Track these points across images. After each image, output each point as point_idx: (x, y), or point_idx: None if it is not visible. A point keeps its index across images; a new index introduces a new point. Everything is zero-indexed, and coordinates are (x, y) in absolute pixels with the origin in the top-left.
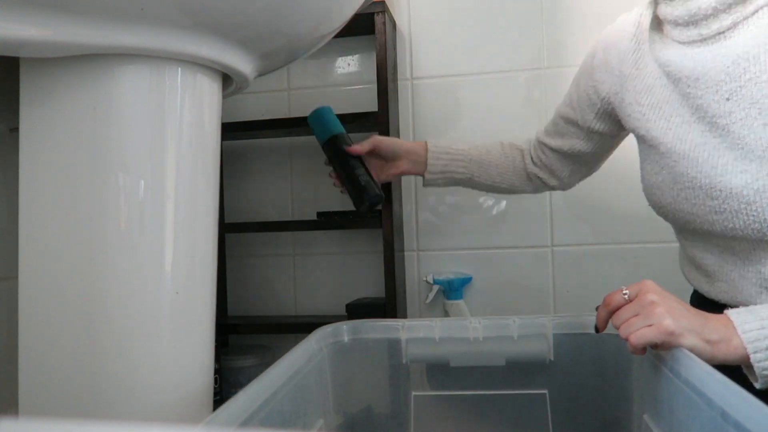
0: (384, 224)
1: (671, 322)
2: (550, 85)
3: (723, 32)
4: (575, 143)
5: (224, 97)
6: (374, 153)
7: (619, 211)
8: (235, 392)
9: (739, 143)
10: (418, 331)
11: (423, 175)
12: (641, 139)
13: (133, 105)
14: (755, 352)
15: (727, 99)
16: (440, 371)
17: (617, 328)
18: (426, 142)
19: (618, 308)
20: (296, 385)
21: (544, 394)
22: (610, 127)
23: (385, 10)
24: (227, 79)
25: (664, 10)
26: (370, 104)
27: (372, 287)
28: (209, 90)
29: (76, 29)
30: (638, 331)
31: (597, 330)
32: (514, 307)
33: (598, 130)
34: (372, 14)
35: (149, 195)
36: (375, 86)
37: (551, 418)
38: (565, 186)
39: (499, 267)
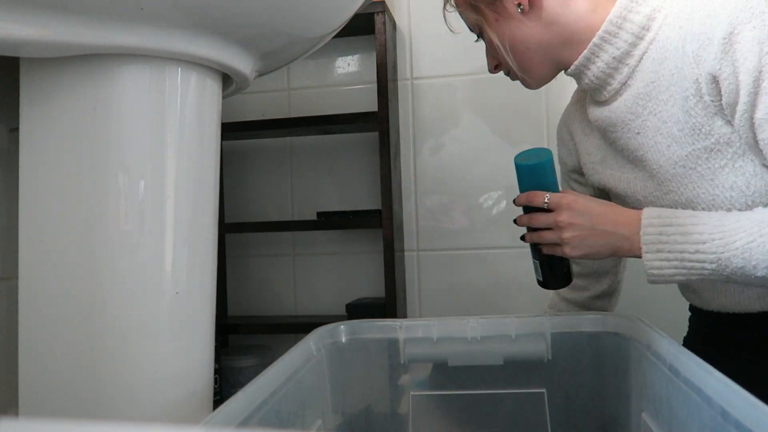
0: (384, 224)
1: (569, 249)
2: (550, 85)
3: (625, 82)
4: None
5: (224, 97)
6: None
7: None
8: (236, 392)
9: (656, 169)
10: (416, 331)
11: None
12: (605, 191)
13: (133, 105)
14: (647, 252)
15: (638, 133)
16: (438, 371)
17: (527, 225)
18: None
19: (536, 210)
20: (294, 386)
21: (542, 393)
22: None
23: (385, 10)
24: (227, 79)
25: (580, 84)
26: (370, 104)
27: (372, 287)
28: (209, 90)
29: (76, 29)
30: (546, 245)
31: (516, 222)
32: (514, 307)
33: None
34: (372, 14)
35: (149, 195)
36: (375, 86)
37: (549, 417)
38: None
39: (499, 267)
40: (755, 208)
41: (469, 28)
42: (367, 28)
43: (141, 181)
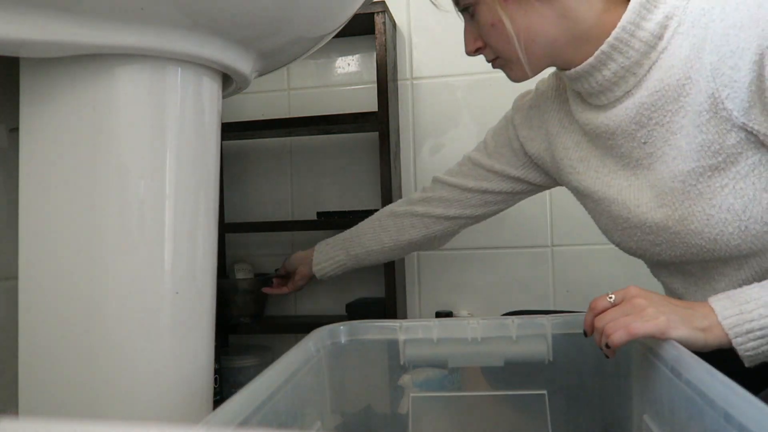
0: None
1: (664, 318)
2: None
3: (630, 90)
4: (485, 185)
5: (224, 97)
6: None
7: None
8: (236, 392)
9: (657, 179)
10: (416, 332)
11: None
12: (575, 191)
13: (133, 105)
14: (736, 337)
15: (644, 143)
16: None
17: (601, 329)
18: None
19: (603, 312)
20: (293, 387)
21: (543, 394)
22: (534, 176)
23: (385, 10)
24: (227, 79)
25: (575, 85)
26: (370, 104)
27: (372, 287)
28: (209, 90)
29: (76, 29)
30: (631, 325)
31: (585, 334)
32: (514, 307)
33: (518, 176)
34: (372, 14)
35: (149, 195)
36: (375, 86)
37: (550, 419)
38: (450, 232)
39: (499, 267)
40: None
41: (455, 2)
42: (367, 28)
43: (141, 181)
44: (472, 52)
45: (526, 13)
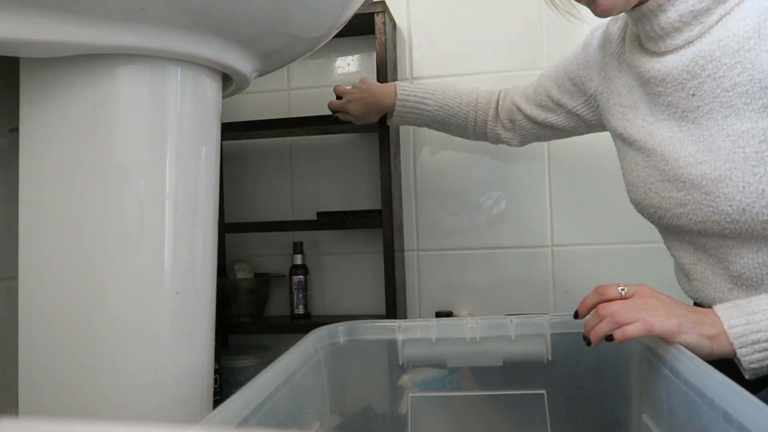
0: (384, 224)
1: (676, 321)
2: None
3: (692, 41)
4: (552, 117)
5: (224, 97)
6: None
7: (619, 211)
8: (236, 392)
9: (704, 135)
10: (414, 332)
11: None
12: (619, 138)
13: (133, 105)
14: (741, 347)
15: (693, 95)
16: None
17: (604, 315)
18: (395, 85)
19: (610, 300)
20: (292, 387)
21: (542, 394)
22: (590, 116)
23: (385, 10)
24: (227, 79)
25: (636, 26)
26: None
27: (372, 287)
28: (209, 90)
29: (76, 29)
30: (649, 319)
31: (576, 315)
32: (514, 307)
33: (579, 113)
34: (372, 14)
35: (149, 195)
36: None
37: (549, 419)
38: (519, 145)
39: (499, 267)
40: None
41: None
42: (367, 28)
43: (141, 181)
44: None
45: None
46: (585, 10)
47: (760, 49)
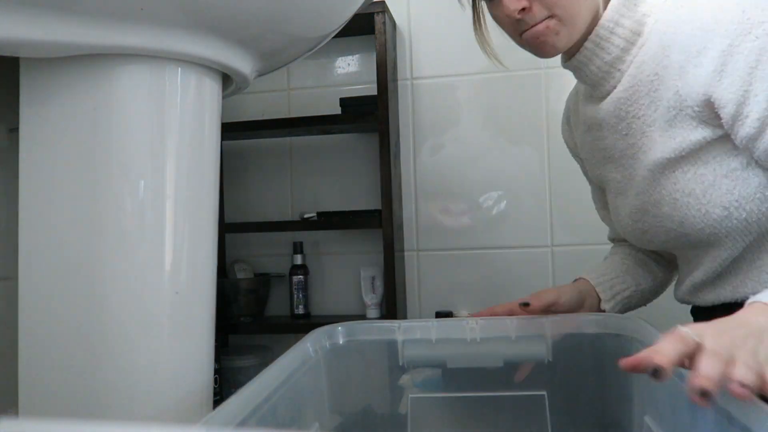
0: (384, 224)
1: (745, 369)
2: (550, 86)
3: (615, 85)
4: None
5: (224, 97)
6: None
7: None
8: (235, 392)
9: (634, 170)
10: (414, 333)
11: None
12: (598, 185)
13: (133, 105)
14: None
15: (625, 134)
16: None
17: (712, 375)
18: (582, 279)
19: (693, 353)
20: (292, 388)
21: (543, 395)
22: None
23: (385, 10)
24: (227, 79)
25: (575, 75)
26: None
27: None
28: (209, 90)
29: (76, 29)
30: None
31: (659, 375)
32: None
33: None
34: (372, 14)
35: (149, 195)
36: (375, 86)
37: (550, 420)
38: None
39: (500, 267)
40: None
41: None
42: (367, 28)
43: (141, 181)
44: (517, 11)
45: None
46: (515, 59)
47: (665, 87)
